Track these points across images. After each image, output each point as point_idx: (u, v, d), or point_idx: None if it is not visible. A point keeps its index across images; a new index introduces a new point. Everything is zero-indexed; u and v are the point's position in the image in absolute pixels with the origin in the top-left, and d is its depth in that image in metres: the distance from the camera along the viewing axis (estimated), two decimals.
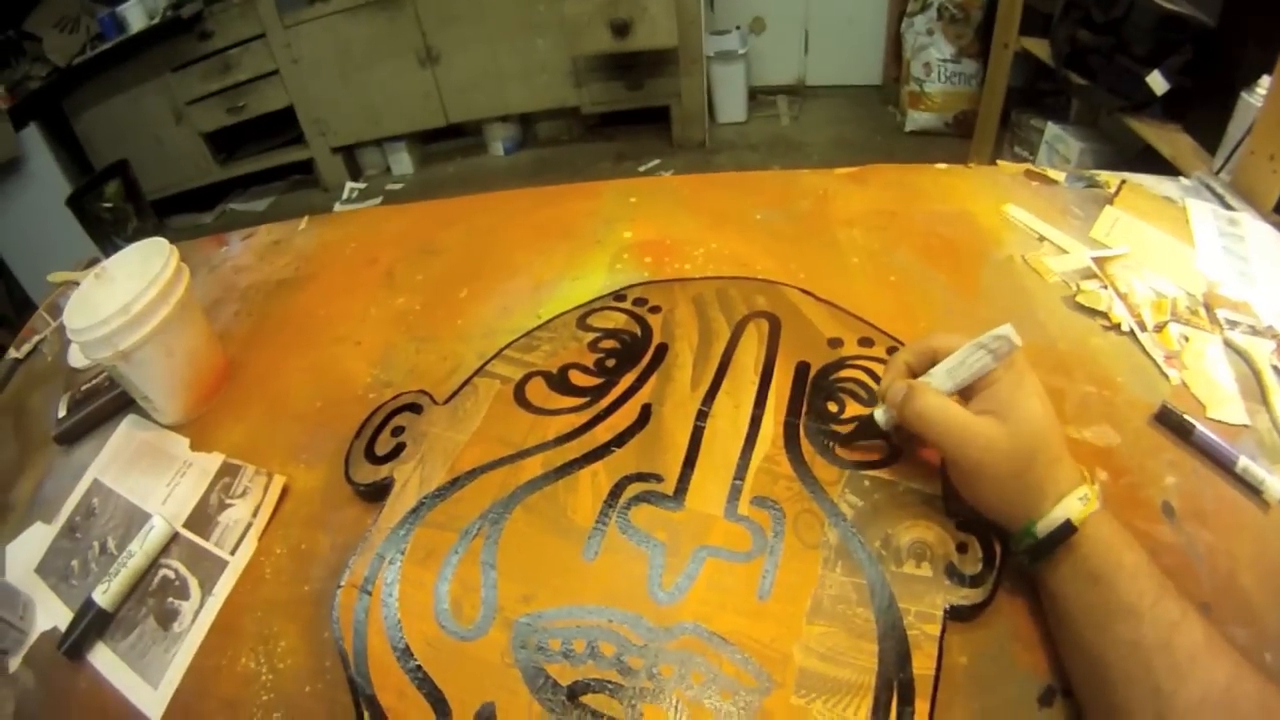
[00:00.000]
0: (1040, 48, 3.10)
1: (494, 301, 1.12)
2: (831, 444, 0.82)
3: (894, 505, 0.75)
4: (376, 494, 0.87)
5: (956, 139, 4.01)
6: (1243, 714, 0.55)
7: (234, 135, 4.95)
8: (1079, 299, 1.00)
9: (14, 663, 0.88)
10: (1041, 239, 1.14)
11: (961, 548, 0.71)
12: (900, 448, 0.80)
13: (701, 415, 0.87)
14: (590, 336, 1.00)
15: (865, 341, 0.93)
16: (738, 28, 4.62)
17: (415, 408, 0.95)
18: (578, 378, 0.94)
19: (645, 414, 0.88)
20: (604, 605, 0.71)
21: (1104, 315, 0.98)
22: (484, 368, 0.99)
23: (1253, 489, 0.77)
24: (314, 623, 0.78)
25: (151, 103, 4.66)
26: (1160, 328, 0.96)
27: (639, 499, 0.79)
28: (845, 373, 0.90)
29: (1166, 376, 0.90)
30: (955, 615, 0.67)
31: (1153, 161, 2.34)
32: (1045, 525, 0.64)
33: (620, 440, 0.85)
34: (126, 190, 1.38)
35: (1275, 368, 0.92)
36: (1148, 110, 2.50)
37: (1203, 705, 0.55)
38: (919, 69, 4.24)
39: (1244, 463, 0.78)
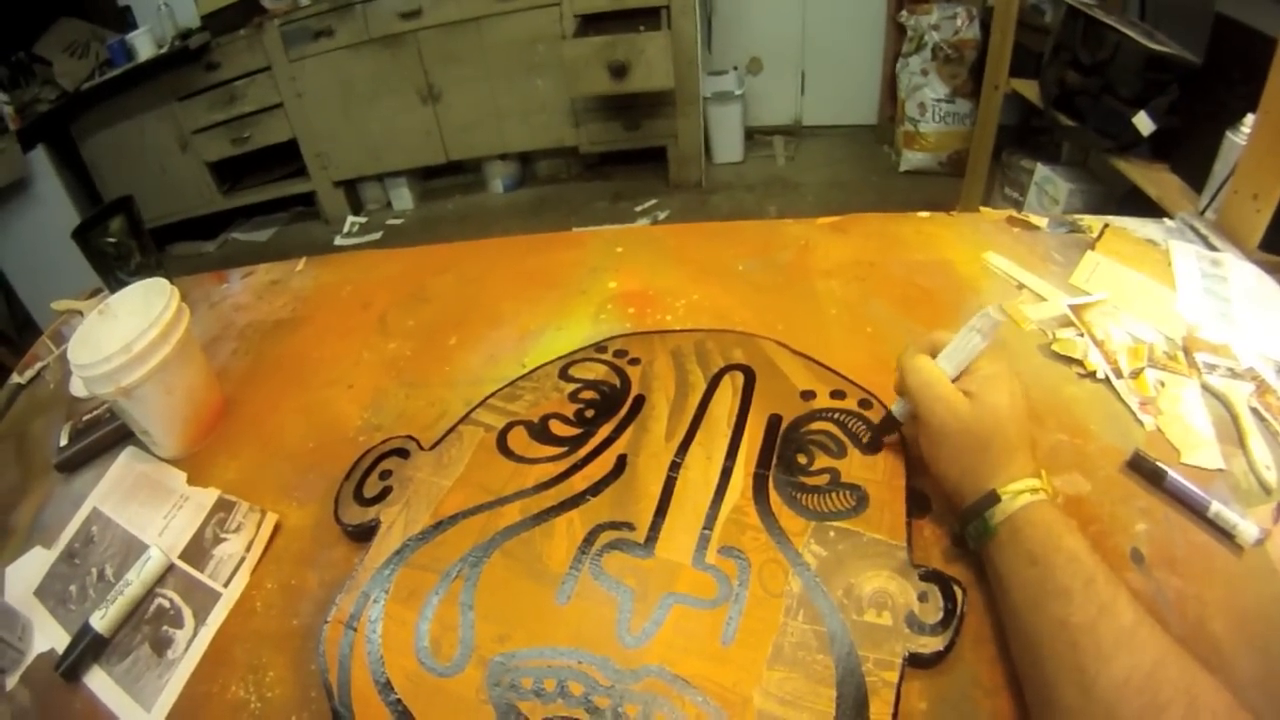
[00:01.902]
0: (1030, 89, 3.11)
1: (481, 350, 1.14)
2: (799, 495, 0.84)
3: (858, 555, 0.77)
4: (364, 535, 0.90)
5: (950, 178, 4.01)
6: (1165, 698, 0.57)
7: (238, 166, 4.98)
8: (1054, 347, 1.02)
9: (11, 681, 0.91)
10: (1020, 286, 1.15)
11: (923, 597, 0.73)
12: (869, 499, 0.83)
13: (674, 466, 0.89)
14: (571, 387, 1.03)
15: (837, 394, 0.96)
16: (735, 68, 4.65)
17: (403, 452, 0.98)
18: (558, 427, 0.97)
19: (620, 464, 0.90)
20: (574, 647, 0.73)
21: (1079, 363, 0.99)
22: (469, 415, 1.01)
23: (1225, 534, 0.79)
24: (301, 655, 0.81)
25: (157, 130, 4.71)
26: (1136, 374, 0.98)
27: (611, 546, 0.81)
28: (816, 425, 0.92)
29: (1141, 423, 0.91)
30: (915, 662, 0.69)
31: (1140, 202, 2.36)
32: (983, 500, 0.73)
33: (596, 489, 0.88)
34: (130, 226, 1.42)
35: (1254, 410, 0.94)
36: (1135, 150, 2.51)
37: (1125, 687, 0.58)
38: (914, 109, 4.28)
39: (1216, 508, 0.80)
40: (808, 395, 0.97)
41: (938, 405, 0.77)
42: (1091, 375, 0.98)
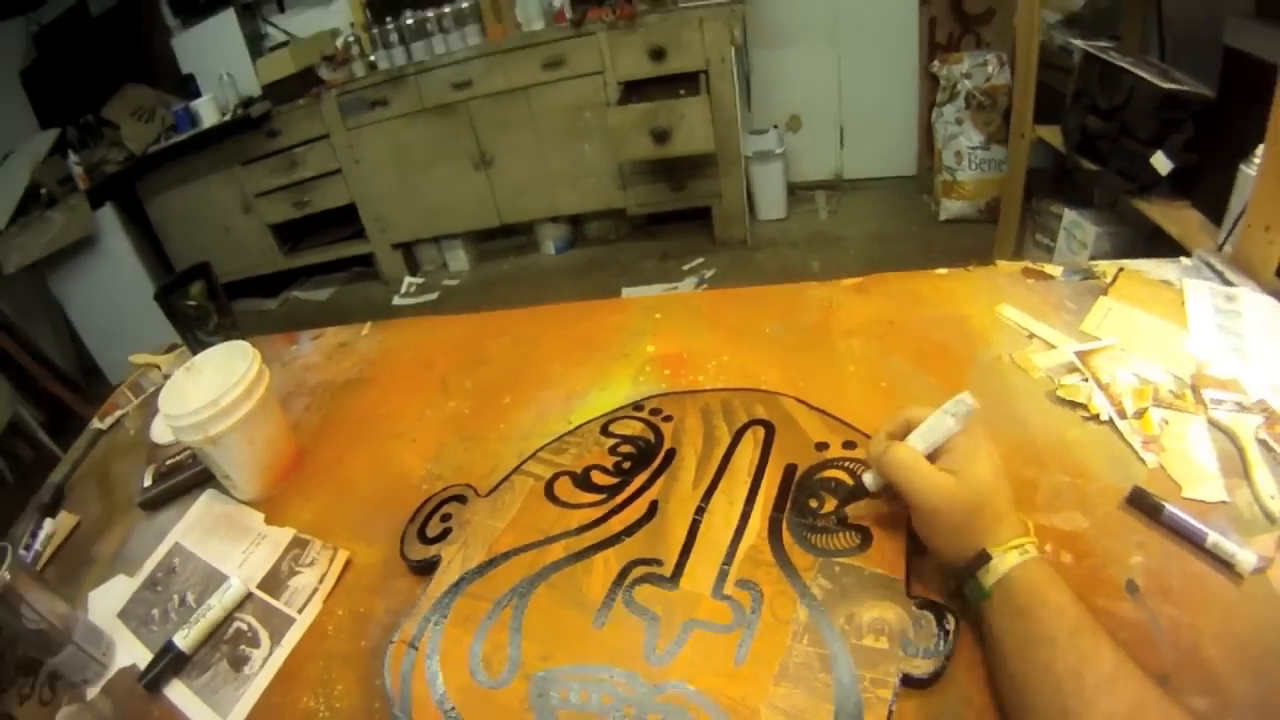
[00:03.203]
0: (1055, 135, 3.10)
1: (532, 409, 1.24)
2: (809, 535, 0.93)
3: (860, 588, 0.86)
4: (426, 569, 1.01)
5: (990, 225, 3.97)
6: None
7: (299, 227, 5.15)
8: (1059, 393, 1.05)
9: (92, 691, 1.03)
10: (1031, 336, 1.19)
11: (918, 624, 0.80)
12: (872, 537, 0.91)
13: (700, 510, 0.99)
14: (611, 441, 1.13)
15: (849, 444, 1.04)
16: (775, 127, 4.68)
17: (461, 498, 1.10)
18: (598, 477, 1.08)
19: (653, 509, 1.01)
20: (607, 664, 0.84)
21: (1083, 407, 1.03)
22: (520, 467, 1.12)
23: (1224, 563, 0.81)
24: (367, 672, 0.91)
25: (221, 193, 4.91)
26: (1140, 414, 1.01)
27: (642, 580, 0.92)
28: (828, 473, 1.01)
29: (1143, 461, 0.94)
30: (909, 683, 0.76)
31: (1166, 241, 2.37)
32: (975, 560, 0.77)
33: (630, 531, 0.98)
34: (209, 290, 1.53)
35: (1262, 441, 0.95)
36: (1156, 190, 2.51)
37: None
38: (950, 158, 4.26)
39: (1214, 538, 0.82)
40: (821, 446, 1.05)
41: (924, 489, 0.81)
42: (1095, 418, 1.01)
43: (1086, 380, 1.08)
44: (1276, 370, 1.07)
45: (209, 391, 1.15)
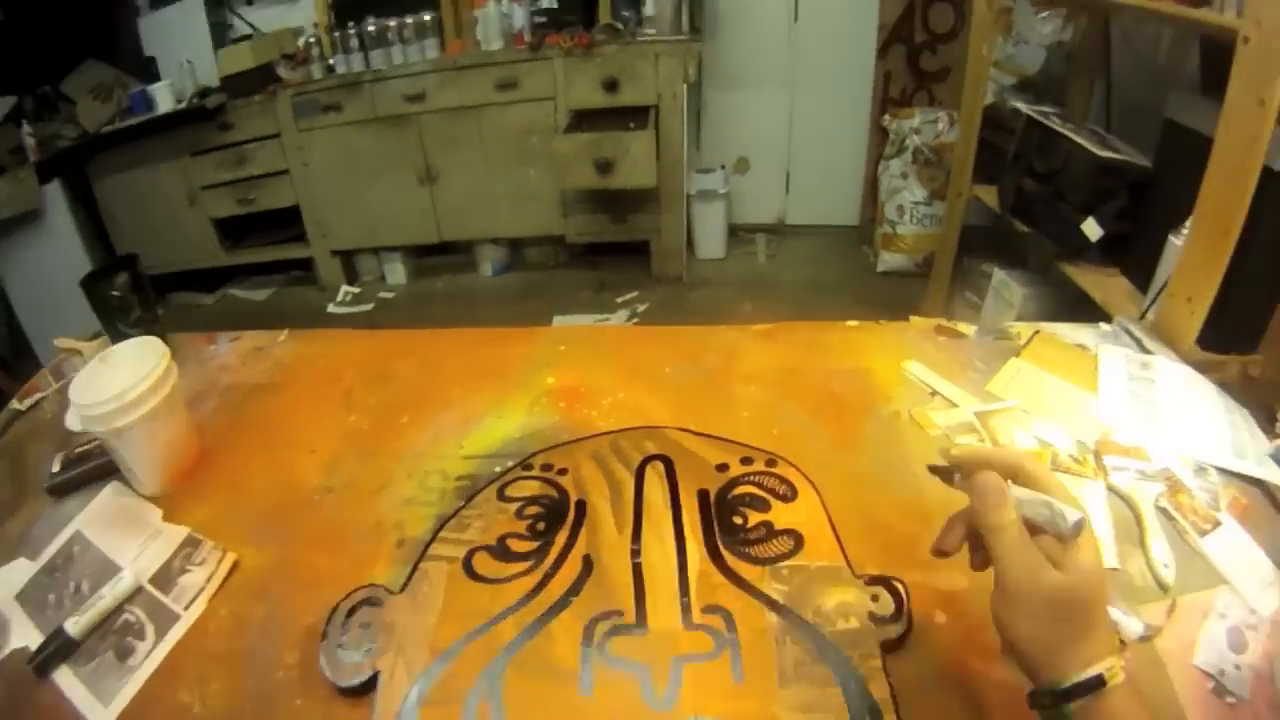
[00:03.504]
0: (992, 195, 3.19)
1: (429, 430, 1.25)
2: (747, 549, 0.99)
3: (812, 582, 0.93)
4: (365, 689, 0.90)
5: (925, 279, 3.98)
6: None
7: (242, 225, 5.09)
8: (953, 452, 0.97)
9: None
10: (934, 394, 1.21)
11: (874, 598, 0.90)
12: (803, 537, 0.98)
13: (635, 553, 1.00)
14: (514, 506, 1.11)
15: (746, 460, 1.12)
16: (722, 167, 4.73)
17: (373, 601, 0.99)
18: (517, 545, 1.05)
19: (588, 564, 1.00)
20: None
21: None
22: (426, 553, 1.06)
23: None
24: (241, 673, 0.93)
25: (169, 181, 4.83)
26: None
27: (610, 633, 0.91)
28: (739, 490, 1.07)
29: None
30: (888, 648, 0.85)
31: (1092, 306, 2.41)
32: (1071, 679, 0.67)
33: (575, 590, 0.97)
34: (134, 282, 1.54)
35: (1162, 509, 0.98)
36: (1087, 255, 2.57)
37: None
38: (893, 210, 4.33)
39: None
40: (722, 468, 1.11)
41: (1021, 570, 0.70)
42: None
43: (982, 441, 1.11)
44: (1185, 439, 1.11)
45: (119, 384, 1.17)
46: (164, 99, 4.58)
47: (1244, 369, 1.46)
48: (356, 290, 5.12)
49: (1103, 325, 1.39)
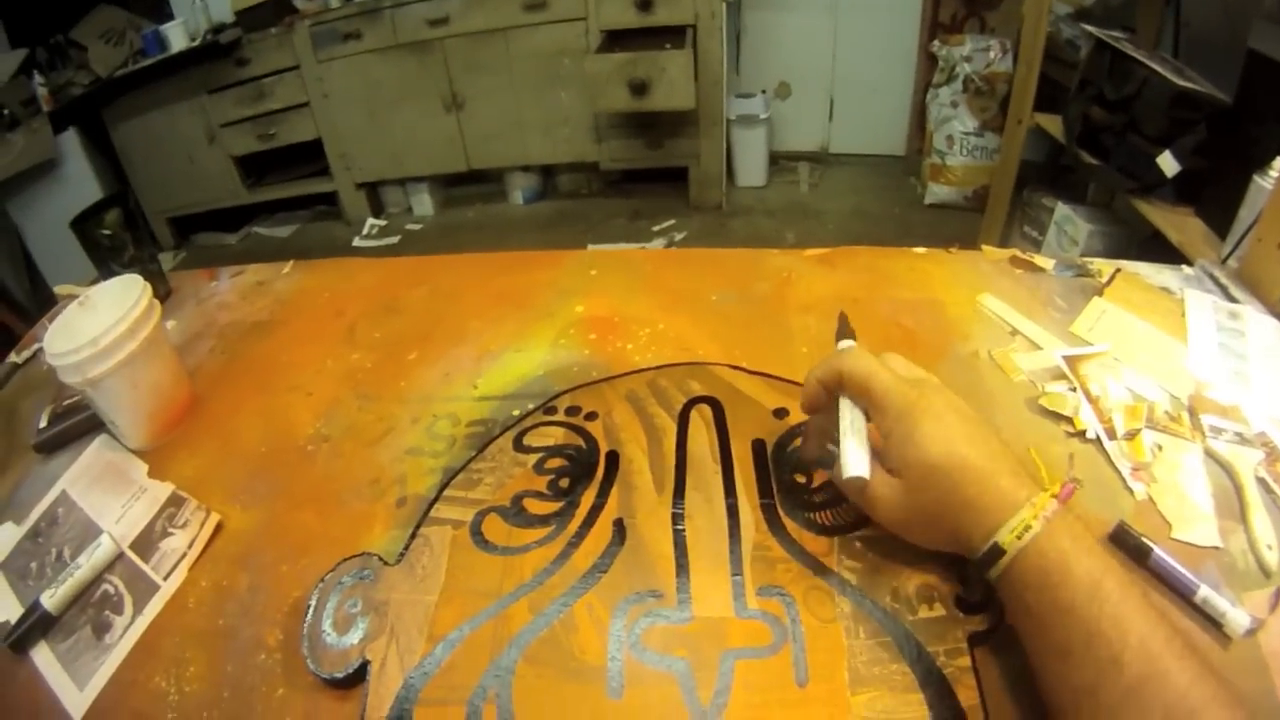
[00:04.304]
0: (1055, 125, 3.01)
1: (438, 367, 1.11)
2: (811, 514, 0.81)
3: (890, 558, 0.75)
4: (353, 680, 0.76)
5: (975, 214, 3.91)
6: None
7: (263, 161, 5.05)
8: (1042, 401, 0.93)
9: None
10: (1014, 333, 1.07)
11: (963, 580, 0.73)
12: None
13: (677, 519, 0.83)
14: (533, 458, 0.94)
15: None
16: (763, 92, 4.63)
17: (364, 575, 0.84)
18: (535, 505, 0.88)
19: (620, 529, 0.83)
20: None
21: (1068, 420, 0.91)
22: (428, 515, 0.90)
23: (1213, 621, 0.70)
24: (220, 655, 0.80)
25: (187, 121, 4.80)
26: (1132, 436, 0.88)
27: (647, 620, 0.74)
28: (800, 441, 0.88)
29: (1131, 491, 0.82)
30: (977, 641, 0.69)
31: (1163, 247, 2.26)
32: (980, 556, 0.64)
33: (604, 564, 0.80)
34: (126, 219, 1.44)
35: (1261, 480, 0.84)
36: (1159, 192, 2.41)
37: None
38: (942, 141, 4.22)
39: (1204, 593, 0.71)
40: (780, 413, 0.93)
41: (876, 512, 0.71)
42: (1081, 435, 0.89)
43: (1074, 390, 0.96)
44: (1279, 400, 0.96)
45: (97, 329, 1.05)
46: (177, 38, 4.53)
47: None
48: (383, 223, 5.07)
49: (1185, 268, 1.24)
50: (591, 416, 0.98)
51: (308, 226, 5.28)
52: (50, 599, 0.92)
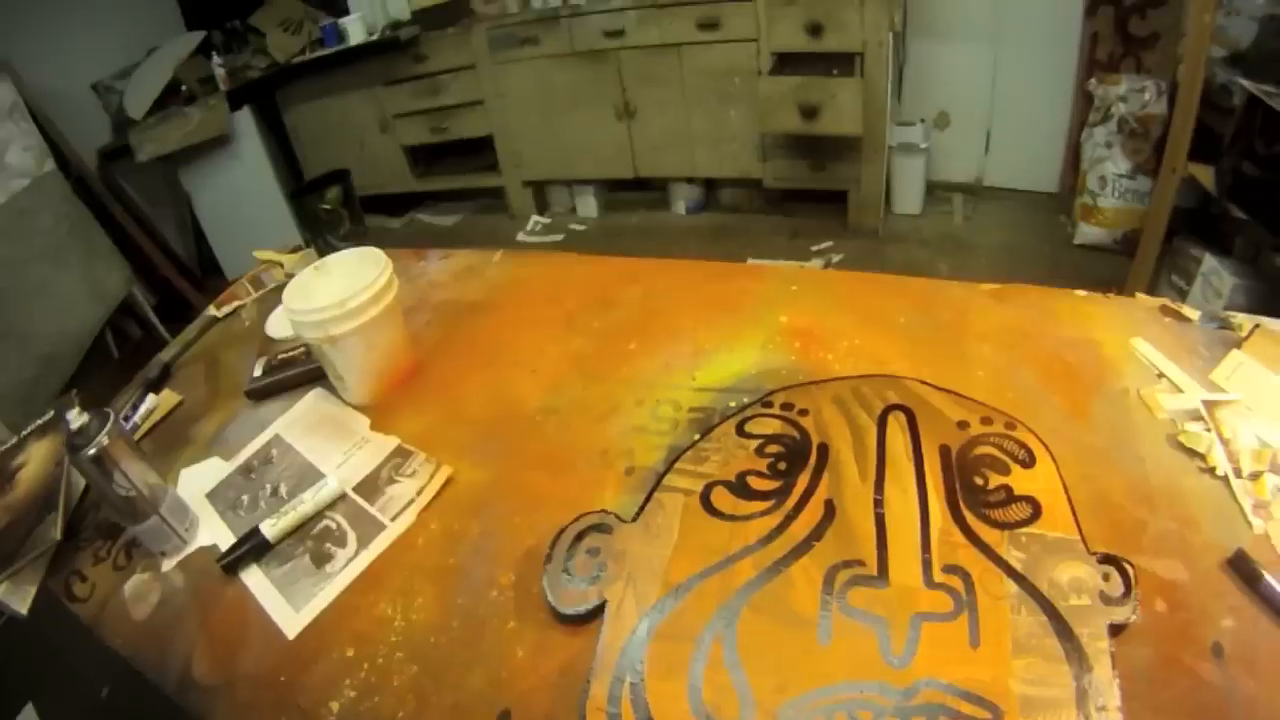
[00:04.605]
0: (1207, 175, 2.93)
1: (658, 358, 1.23)
2: (988, 511, 0.95)
3: (1048, 553, 0.89)
4: (588, 617, 0.90)
5: (1122, 257, 3.80)
6: None
7: (433, 151, 5.24)
8: (1180, 438, 1.03)
9: (168, 564, 1.06)
10: (1160, 375, 1.15)
11: (1105, 577, 0.86)
12: (1040, 505, 0.94)
13: (878, 504, 0.98)
14: (754, 443, 1.09)
15: (986, 420, 1.07)
16: (922, 121, 4.56)
17: (602, 528, 0.99)
18: (757, 483, 1.03)
19: (830, 509, 0.98)
20: (850, 680, 0.81)
21: (1202, 457, 1.00)
22: (660, 483, 1.05)
23: None
24: (450, 590, 0.93)
25: (360, 110, 5.00)
26: (1256, 476, 0.97)
27: (851, 583, 0.90)
28: (979, 450, 1.03)
29: (1250, 525, 0.91)
30: (1114, 631, 0.82)
31: None
32: None
33: (817, 535, 0.95)
34: (344, 196, 1.54)
35: None
36: None
37: None
38: (1094, 181, 4.08)
39: None
40: (962, 425, 1.06)
41: None
42: (1211, 471, 0.98)
43: (1209, 430, 1.05)
44: None
45: (336, 292, 1.15)
46: (356, 31, 4.72)
47: None
48: (547, 221, 5.16)
49: None
50: (804, 413, 1.13)
51: (471, 217, 5.41)
52: (271, 528, 1.05)
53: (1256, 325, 1.24)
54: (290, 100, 5.04)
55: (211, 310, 1.57)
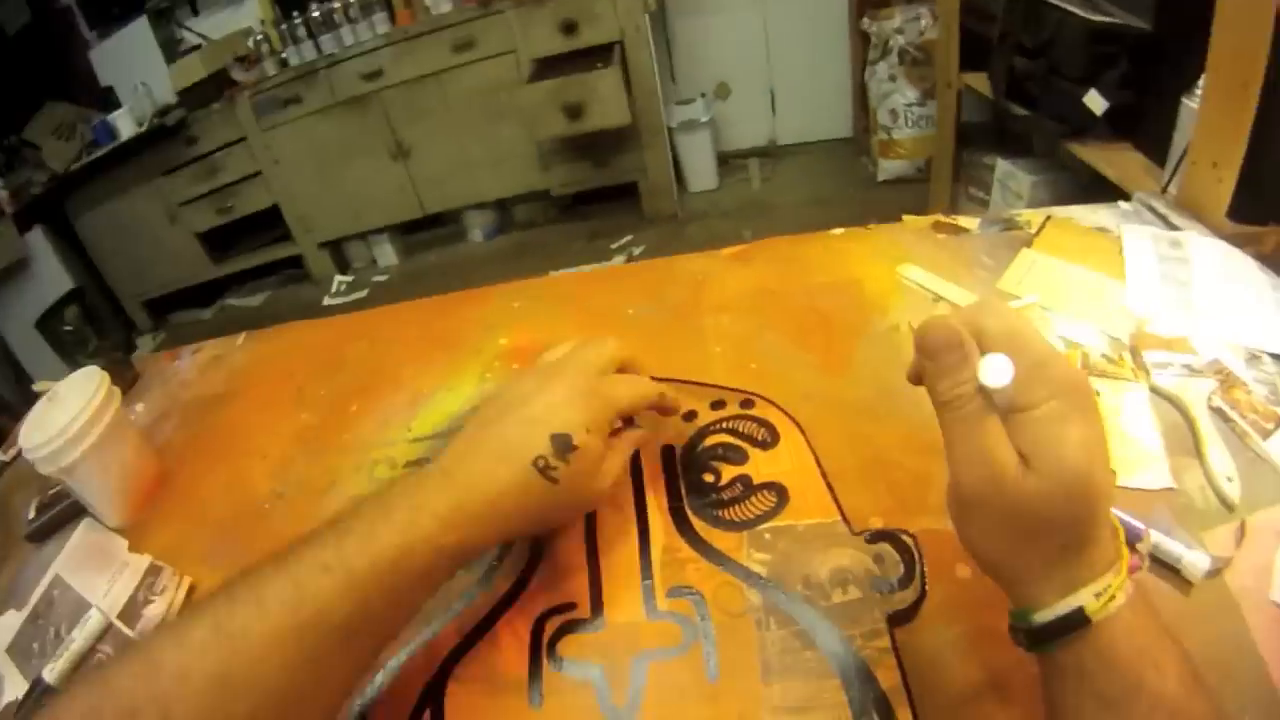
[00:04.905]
0: (983, 82, 2.98)
1: (376, 415, 1.15)
2: (720, 512, 0.82)
3: (801, 546, 0.76)
4: None
5: (929, 184, 3.90)
6: None
7: (227, 234, 5.09)
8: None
9: None
10: (937, 299, 1.06)
11: (878, 559, 0.73)
12: (787, 490, 0.82)
13: (588, 532, 0.85)
14: None
15: (717, 404, 0.94)
16: (702, 95, 4.63)
17: None
18: None
19: (536, 551, 0.85)
20: None
21: None
22: None
23: (1169, 568, 0.67)
24: None
25: (146, 205, 4.85)
26: None
27: (561, 632, 0.77)
28: (709, 441, 0.90)
29: None
30: (897, 620, 0.69)
31: (1107, 187, 2.20)
32: (1045, 614, 0.51)
33: (523, 583, 0.82)
34: (84, 313, 1.51)
35: (1217, 410, 0.82)
36: (1093, 132, 2.39)
37: None
38: (885, 116, 4.19)
39: (1155, 538, 0.67)
40: (689, 416, 0.94)
41: (978, 464, 0.52)
42: None
43: None
44: (1232, 324, 0.94)
45: (62, 420, 1.14)
46: (125, 125, 4.60)
47: None
48: (349, 279, 5.10)
49: (1122, 204, 1.24)
50: None
51: (278, 292, 5.32)
52: (51, 673, 1.00)
53: (1048, 217, 1.18)
54: (79, 209, 4.87)
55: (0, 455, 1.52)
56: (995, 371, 0.51)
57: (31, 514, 1.28)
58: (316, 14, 4.27)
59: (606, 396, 0.77)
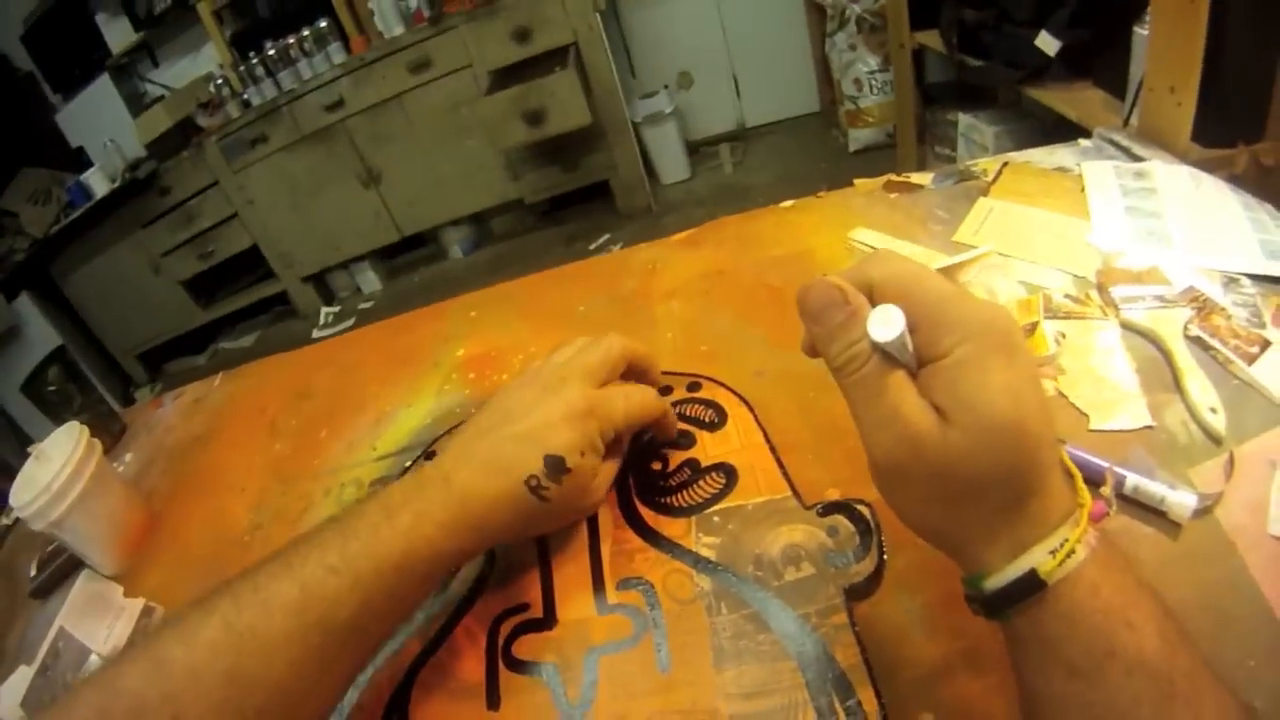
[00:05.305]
0: (935, 39, 2.97)
1: (343, 438, 1.16)
2: (667, 499, 0.80)
3: (750, 526, 0.74)
4: None
5: (898, 148, 3.91)
6: None
7: (211, 279, 5.12)
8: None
9: None
10: None
11: (831, 531, 0.70)
12: (736, 470, 0.80)
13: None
14: None
15: (663, 391, 0.92)
16: (665, 87, 4.63)
17: None
18: None
19: (490, 554, 0.85)
20: None
21: None
22: None
23: (1154, 511, 0.62)
24: None
25: (129, 259, 4.88)
26: (1031, 330, 0.81)
27: (515, 633, 0.76)
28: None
29: None
30: (856, 595, 0.66)
31: (1070, 128, 2.17)
32: (996, 580, 0.46)
33: (479, 587, 0.82)
34: (66, 372, 1.54)
35: (1196, 339, 0.77)
36: (1050, 74, 2.36)
37: None
38: (850, 86, 4.18)
39: (1134, 481, 0.63)
40: None
41: (887, 431, 0.47)
42: None
43: None
44: (1205, 249, 0.90)
45: (47, 477, 1.17)
46: (99, 183, 4.63)
47: (1254, 158, 1.17)
48: (335, 309, 5.12)
49: (1081, 141, 1.21)
50: None
51: (268, 331, 5.34)
52: None
53: (1005, 163, 1.15)
54: (63, 271, 4.91)
55: (2, 519, 1.55)
56: (883, 323, 0.46)
57: (33, 571, 1.31)
58: (272, 51, 4.29)
59: (604, 416, 0.76)
